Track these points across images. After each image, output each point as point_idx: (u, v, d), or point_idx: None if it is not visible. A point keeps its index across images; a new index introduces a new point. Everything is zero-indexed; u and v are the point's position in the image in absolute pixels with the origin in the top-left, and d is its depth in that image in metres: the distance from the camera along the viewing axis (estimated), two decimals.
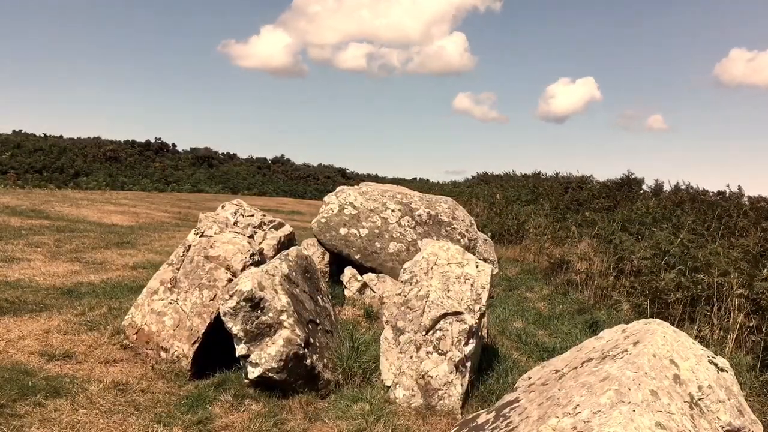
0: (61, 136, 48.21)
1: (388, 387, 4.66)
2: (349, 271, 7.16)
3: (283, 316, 4.54)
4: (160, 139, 47.61)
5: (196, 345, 4.86)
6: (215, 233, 5.53)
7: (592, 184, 19.39)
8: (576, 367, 3.67)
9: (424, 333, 4.70)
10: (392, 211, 7.76)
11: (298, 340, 4.52)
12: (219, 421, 4.07)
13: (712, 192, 15.65)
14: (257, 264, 5.24)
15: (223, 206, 6.65)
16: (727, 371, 3.45)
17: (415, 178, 44.37)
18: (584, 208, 15.10)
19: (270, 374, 4.44)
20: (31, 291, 6.35)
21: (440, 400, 4.52)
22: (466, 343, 4.64)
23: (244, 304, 4.47)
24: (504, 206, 17.01)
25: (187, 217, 15.16)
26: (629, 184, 18.18)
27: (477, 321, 4.87)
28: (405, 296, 4.96)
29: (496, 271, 9.86)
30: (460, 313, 4.75)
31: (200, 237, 5.52)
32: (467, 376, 4.64)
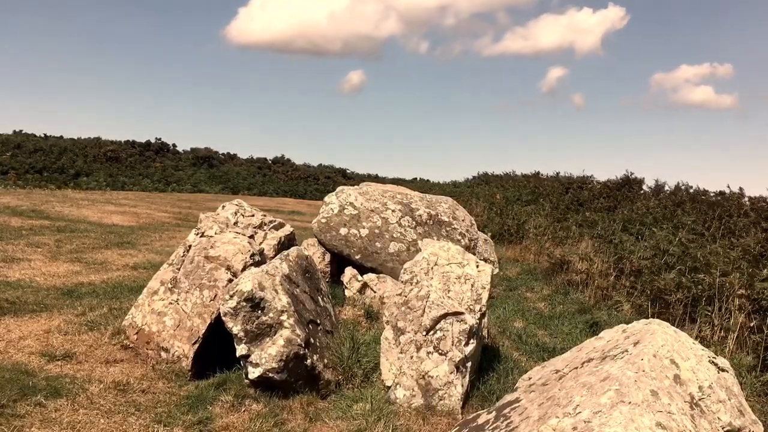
0: (61, 137, 48.09)
1: (389, 387, 4.66)
2: (349, 271, 7.16)
3: (284, 317, 4.54)
4: (160, 139, 47.45)
5: (197, 345, 4.86)
6: (216, 233, 5.53)
7: (593, 184, 19.44)
8: (576, 368, 3.67)
9: (424, 333, 4.70)
10: (392, 211, 7.76)
11: (299, 340, 4.52)
12: (219, 422, 4.07)
13: (713, 192, 15.69)
14: (258, 264, 5.24)
15: (223, 206, 6.66)
16: (727, 371, 3.45)
17: (415, 178, 44.24)
18: (585, 209, 15.10)
19: (270, 374, 4.44)
20: (32, 291, 6.35)
21: (441, 400, 4.52)
22: (467, 344, 4.64)
23: (244, 304, 4.47)
24: (504, 206, 17.00)
25: (188, 217, 15.15)
26: (630, 184, 18.25)
27: (477, 321, 4.87)
28: (405, 296, 4.96)
29: (496, 271, 9.85)
30: (461, 314, 4.75)
31: (201, 237, 5.52)
32: (468, 377, 4.64)
